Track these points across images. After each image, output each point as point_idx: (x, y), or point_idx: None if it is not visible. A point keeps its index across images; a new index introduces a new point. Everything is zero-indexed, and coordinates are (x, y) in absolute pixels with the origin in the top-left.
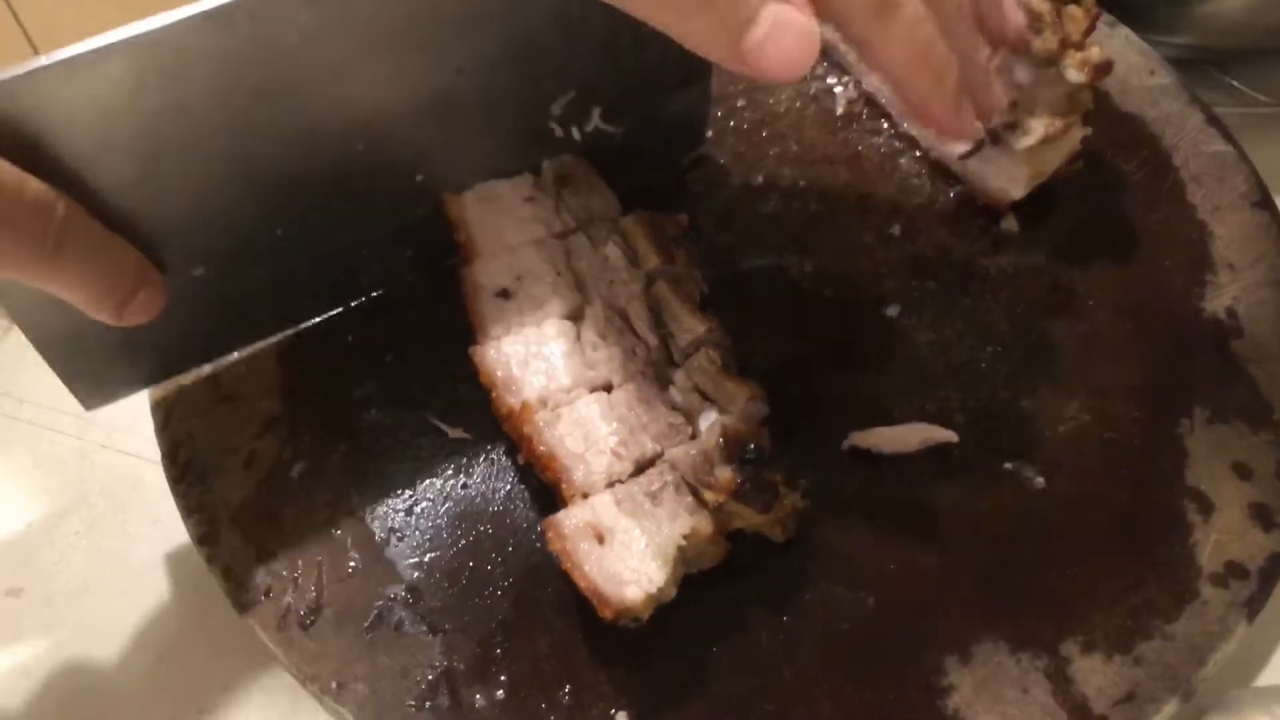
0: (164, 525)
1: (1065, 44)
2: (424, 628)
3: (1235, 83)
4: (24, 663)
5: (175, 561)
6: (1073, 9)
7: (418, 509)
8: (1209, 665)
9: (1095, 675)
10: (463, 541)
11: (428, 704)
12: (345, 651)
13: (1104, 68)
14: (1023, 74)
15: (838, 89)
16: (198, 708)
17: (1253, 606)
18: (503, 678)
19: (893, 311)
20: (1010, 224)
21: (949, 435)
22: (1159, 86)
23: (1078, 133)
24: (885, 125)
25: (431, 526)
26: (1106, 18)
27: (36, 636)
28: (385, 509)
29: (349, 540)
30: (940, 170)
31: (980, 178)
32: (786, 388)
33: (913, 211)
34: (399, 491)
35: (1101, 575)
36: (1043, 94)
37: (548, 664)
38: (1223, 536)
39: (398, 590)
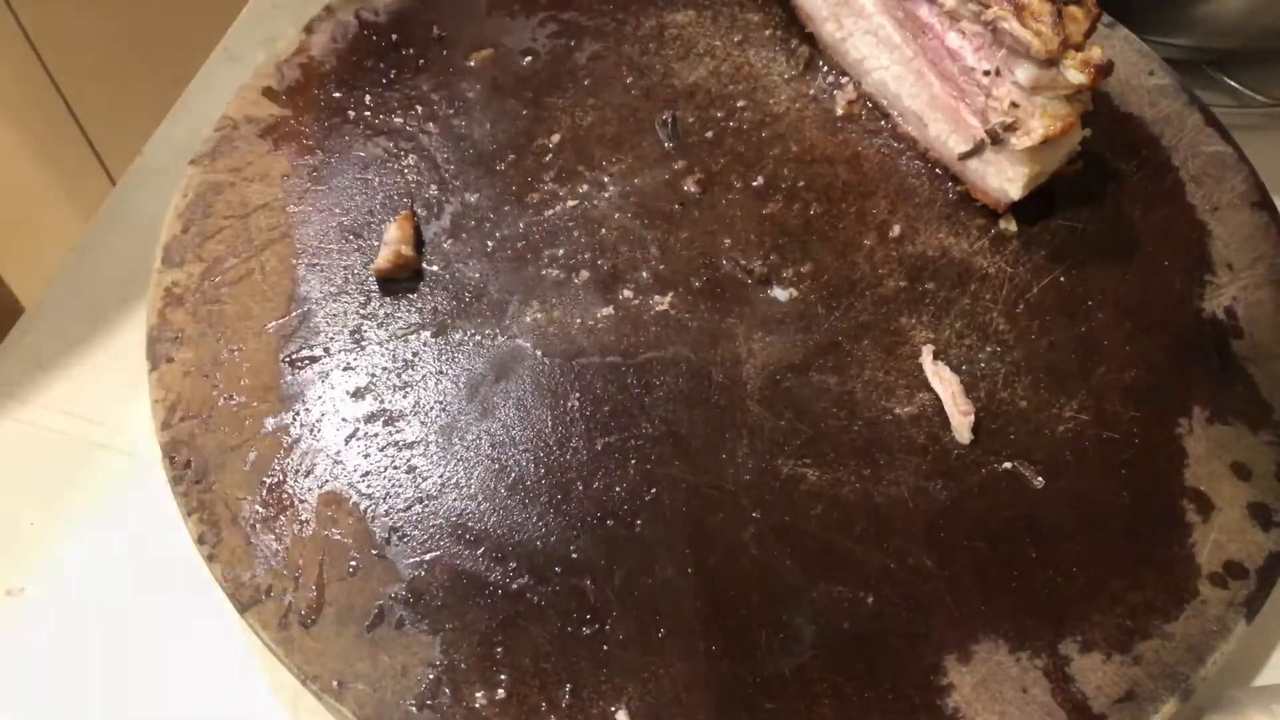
0: (167, 526)
1: (1066, 44)
2: (424, 627)
3: (1234, 83)
4: (24, 662)
5: (178, 562)
6: (1073, 9)
7: (418, 508)
8: (1208, 665)
9: (1094, 674)
10: (463, 540)
11: (429, 703)
12: (346, 650)
13: (1105, 68)
14: (1023, 74)
15: (837, 90)
16: (201, 707)
17: (1252, 606)
18: (503, 677)
19: (891, 311)
20: (1010, 224)
21: (968, 405)
22: (1158, 87)
23: (1077, 133)
24: (885, 125)
25: (432, 525)
26: (1106, 18)
27: (37, 636)
28: (386, 508)
29: (349, 539)
30: (940, 170)
31: (980, 178)
32: (785, 413)
33: (912, 211)
34: (399, 490)
35: (1101, 575)
36: (1043, 94)
37: (548, 663)
38: (1222, 536)
39: (398, 589)
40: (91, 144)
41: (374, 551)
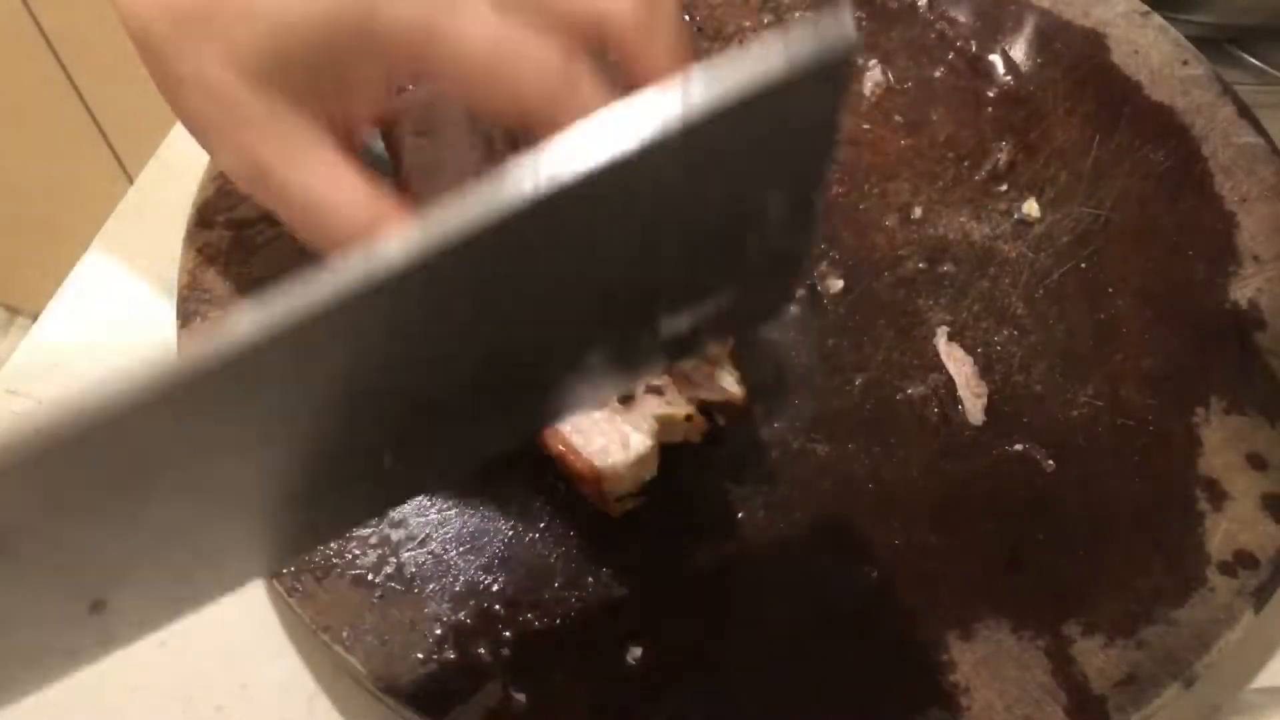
0: None
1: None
2: (434, 584)
3: (1257, 61)
4: None
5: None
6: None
7: None
8: (1213, 652)
9: (1096, 657)
10: (475, 498)
11: (434, 657)
12: (358, 604)
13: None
14: None
15: (866, 73)
16: (214, 704)
17: (1261, 596)
18: (507, 634)
19: (909, 292)
20: (1033, 209)
21: (982, 387)
22: (1191, 77)
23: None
24: (913, 114)
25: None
26: (1140, 7)
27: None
28: None
29: None
30: (962, 155)
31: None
32: (795, 362)
33: (935, 195)
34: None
35: (1108, 559)
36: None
37: (556, 619)
38: (1234, 525)
39: (410, 546)
40: (109, 143)
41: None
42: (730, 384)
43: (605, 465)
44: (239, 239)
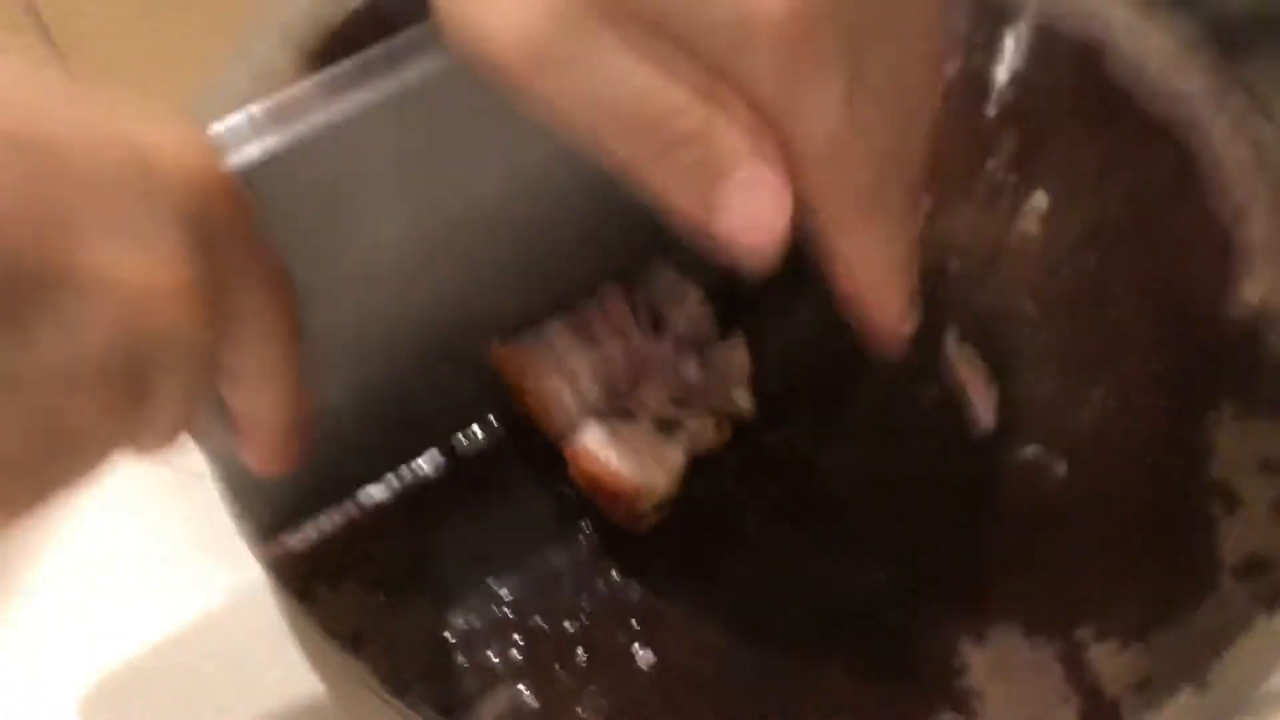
0: (182, 526)
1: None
2: (443, 589)
3: (1260, 60)
4: (41, 662)
5: (192, 562)
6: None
7: (441, 471)
8: (1225, 658)
9: (1109, 661)
10: (486, 503)
11: (443, 662)
12: (367, 610)
13: None
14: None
15: None
16: (215, 705)
17: (1274, 600)
18: (517, 638)
19: (917, 289)
20: (1038, 208)
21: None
22: (1194, 76)
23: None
24: None
25: (453, 486)
26: (1143, 6)
27: (53, 636)
28: (410, 471)
29: (374, 503)
30: (975, 146)
31: None
32: (804, 364)
33: (944, 190)
34: (424, 454)
35: (1120, 563)
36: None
37: (568, 625)
38: (1246, 530)
39: (419, 551)
40: None
41: (398, 514)
42: (743, 399)
43: (645, 482)
44: None
